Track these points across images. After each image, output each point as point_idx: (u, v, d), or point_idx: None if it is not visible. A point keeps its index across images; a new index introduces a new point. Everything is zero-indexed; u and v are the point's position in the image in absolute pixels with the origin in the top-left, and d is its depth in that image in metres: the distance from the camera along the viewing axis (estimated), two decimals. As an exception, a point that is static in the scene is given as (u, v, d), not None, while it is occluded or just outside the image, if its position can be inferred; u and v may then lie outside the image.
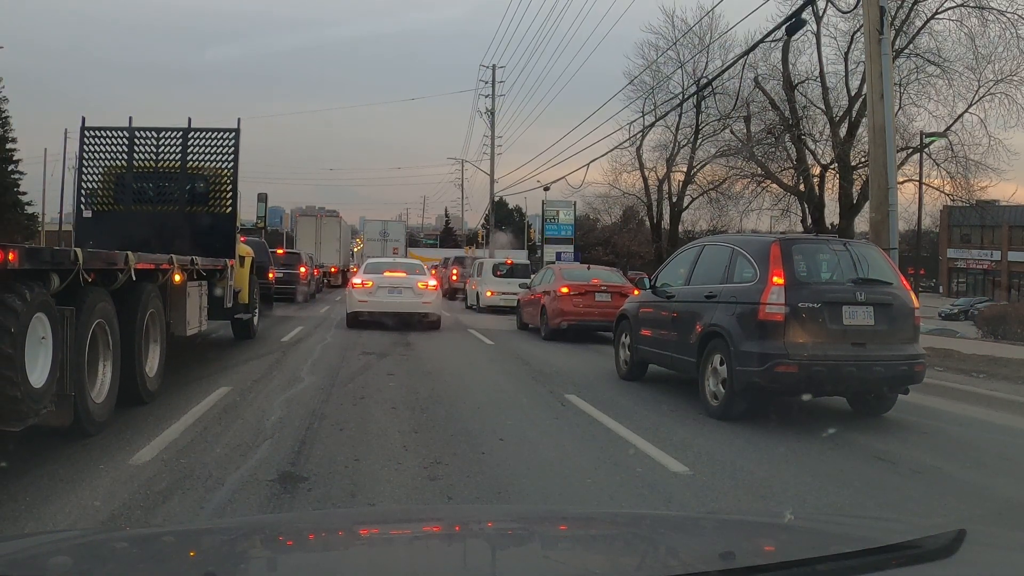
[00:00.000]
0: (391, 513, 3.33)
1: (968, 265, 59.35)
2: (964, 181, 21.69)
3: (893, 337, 7.14)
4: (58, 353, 4.83)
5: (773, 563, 1.51)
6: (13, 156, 40.16)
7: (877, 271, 7.44)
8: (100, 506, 4.13)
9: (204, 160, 10.55)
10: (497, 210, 47.19)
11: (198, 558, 1.65)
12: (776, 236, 8.01)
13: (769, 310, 6.88)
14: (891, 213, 10.04)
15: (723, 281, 7.66)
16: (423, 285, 15.44)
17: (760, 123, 24.93)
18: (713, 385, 7.30)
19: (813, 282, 7.13)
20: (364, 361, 10.35)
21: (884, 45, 9.95)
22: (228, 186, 10.54)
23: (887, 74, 9.95)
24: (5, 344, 4.24)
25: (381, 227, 42.65)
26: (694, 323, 7.79)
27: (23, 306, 4.39)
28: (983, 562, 1.57)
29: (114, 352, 5.93)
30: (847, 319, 6.96)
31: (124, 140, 10.42)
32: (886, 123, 9.94)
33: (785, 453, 5.90)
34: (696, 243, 9.36)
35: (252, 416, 6.50)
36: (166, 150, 10.50)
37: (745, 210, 26.67)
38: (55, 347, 4.78)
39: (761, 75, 24.07)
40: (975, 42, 20.13)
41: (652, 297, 9.06)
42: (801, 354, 6.74)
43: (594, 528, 2.07)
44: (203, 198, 10.54)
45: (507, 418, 6.94)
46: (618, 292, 14.12)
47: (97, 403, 5.56)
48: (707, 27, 26.40)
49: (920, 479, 5.45)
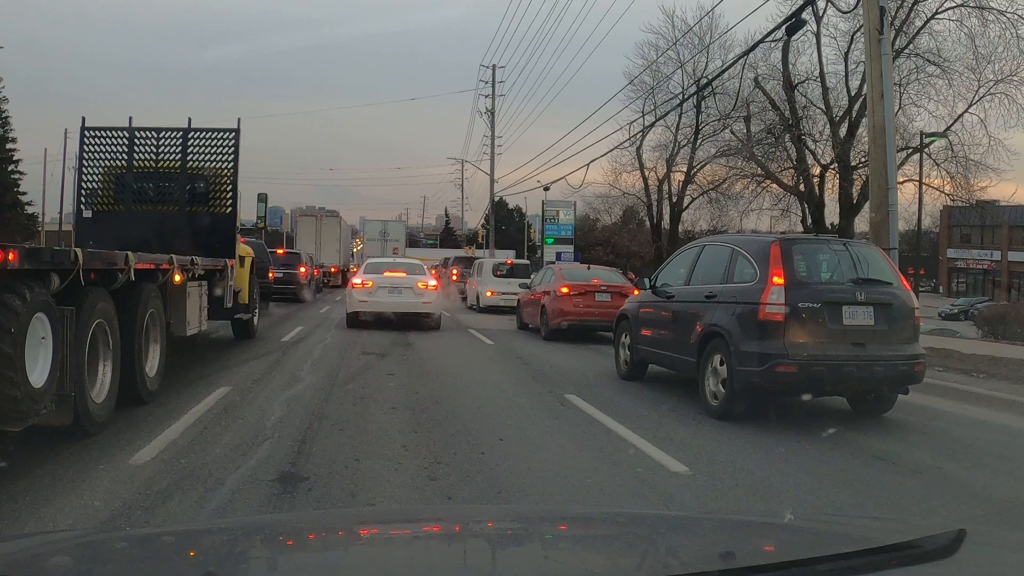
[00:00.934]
0: (391, 513, 3.34)
1: (968, 265, 59.33)
2: (964, 181, 21.68)
3: (893, 337, 7.13)
4: (58, 353, 4.82)
5: (773, 563, 1.51)
6: (13, 156, 40.21)
7: (877, 271, 7.44)
8: (100, 506, 4.13)
9: (204, 160, 10.55)
10: (497, 210, 47.21)
11: (198, 558, 1.65)
12: (776, 236, 8.01)
13: (769, 310, 6.88)
14: (891, 213, 10.06)
15: (723, 281, 7.66)
16: (423, 285, 15.43)
17: (760, 123, 24.93)
18: (713, 385, 7.30)
19: (813, 282, 7.13)
20: (364, 361, 10.35)
21: (884, 45, 9.95)
22: (228, 186, 10.54)
23: (887, 74, 9.96)
24: (5, 344, 4.25)
25: (381, 227, 42.65)
26: (694, 323, 7.78)
27: (23, 306, 4.38)
28: (983, 562, 1.56)
29: (114, 352, 5.93)
30: (847, 319, 6.96)
31: (124, 140, 10.43)
32: (886, 123, 9.95)
33: (785, 453, 5.90)
34: (696, 243, 9.36)
35: (252, 416, 6.50)
36: (166, 150, 10.50)
37: (745, 210, 26.72)
38: (55, 347, 4.78)
39: (761, 75, 24.10)
40: (975, 42, 20.15)
41: (652, 297, 9.06)
42: (801, 354, 6.74)
43: (594, 528, 2.07)
44: (203, 198, 10.54)
45: (507, 418, 6.94)
46: (618, 292, 14.11)
47: (97, 403, 5.56)
48: (707, 27, 26.49)
49: (920, 479, 5.45)
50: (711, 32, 26.65)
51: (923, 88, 21.84)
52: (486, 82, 40.44)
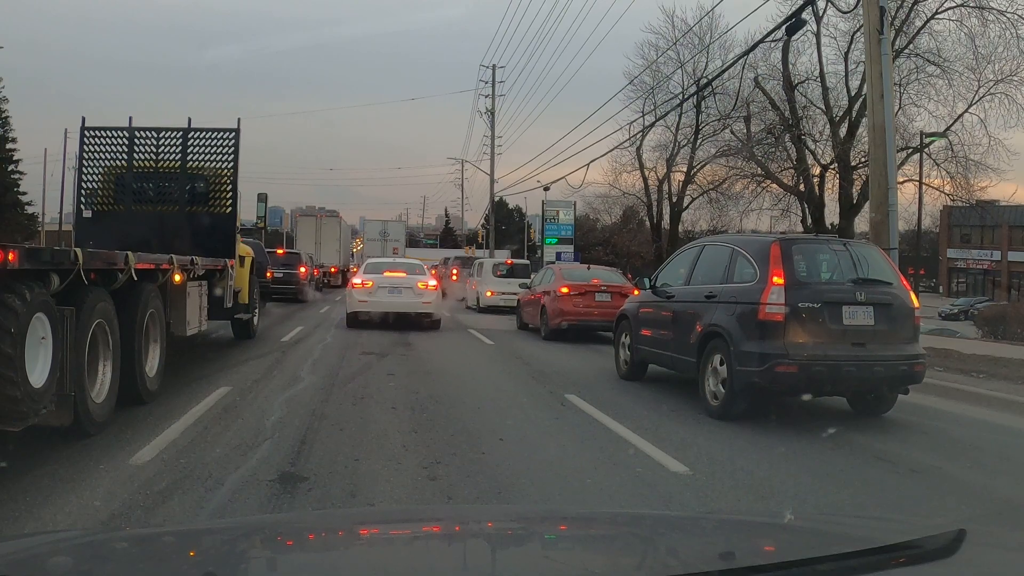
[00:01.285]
0: (391, 513, 3.33)
1: (968, 265, 59.31)
2: (964, 181, 21.67)
3: (893, 337, 7.14)
4: (58, 353, 4.83)
5: (773, 563, 1.51)
6: (13, 156, 40.20)
7: (877, 271, 7.44)
8: (100, 506, 4.13)
9: (204, 160, 10.58)
10: (497, 210, 47.19)
11: (198, 558, 1.65)
12: (776, 236, 8.01)
13: (769, 310, 6.88)
14: (891, 213, 10.05)
15: (723, 281, 7.66)
16: (423, 285, 15.42)
17: (760, 123, 24.93)
18: (713, 385, 7.30)
19: (813, 282, 7.13)
20: (364, 361, 10.34)
21: (884, 45, 9.94)
22: (228, 186, 10.57)
23: (887, 74, 9.95)
24: (5, 344, 4.25)
25: (381, 227, 42.63)
26: (694, 323, 7.78)
27: (23, 306, 4.39)
28: (983, 562, 1.57)
29: (114, 352, 5.94)
30: (847, 319, 6.96)
31: (124, 140, 10.45)
32: (886, 123, 9.93)
33: (785, 453, 5.90)
34: (696, 243, 9.36)
35: (252, 416, 6.49)
36: (166, 150, 10.53)
37: (745, 210, 26.68)
38: (55, 347, 4.78)
39: (761, 75, 24.06)
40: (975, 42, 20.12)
41: (652, 297, 9.06)
42: (801, 354, 6.74)
43: (594, 528, 2.07)
44: (203, 198, 10.57)
45: (507, 418, 6.93)
46: (618, 292, 14.10)
47: (97, 403, 5.57)
48: (707, 27, 26.47)
49: (920, 479, 5.46)
50: (711, 32, 26.66)
51: (923, 88, 21.84)
52: (486, 82, 40.47)
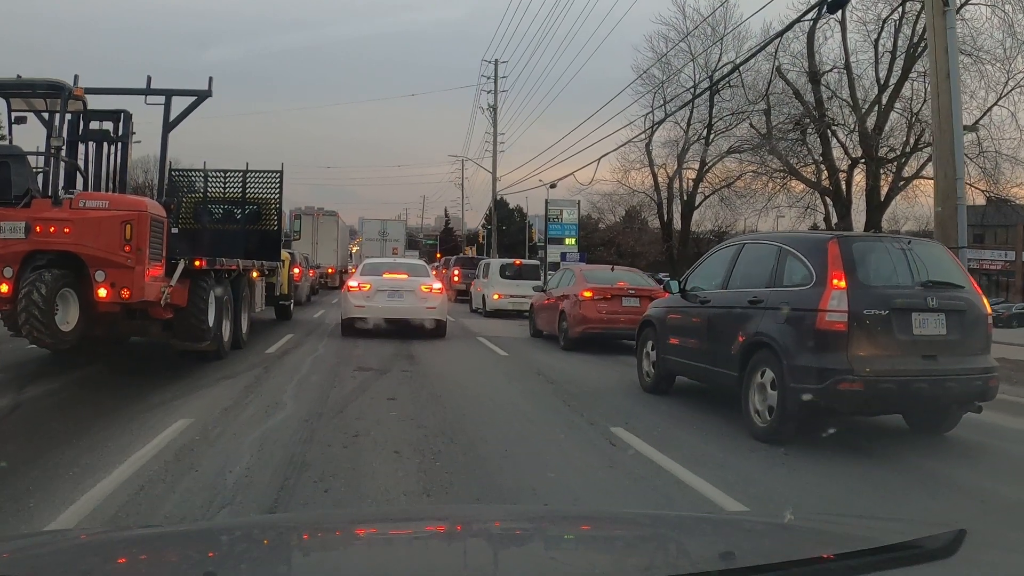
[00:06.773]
0: (391, 513, 3.34)
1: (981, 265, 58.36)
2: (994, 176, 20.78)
3: (966, 348, 6.29)
4: (214, 311, 9.69)
5: (773, 563, 1.49)
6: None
7: (946, 273, 6.54)
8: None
9: (258, 191, 14.25)
10: (498, 210, 46.27)
11: (198, 558, 1.66)
12: (832, 233, 7.09)
13: (830, 318, 5.97)
14: (959, 207, 8.97)
15: (770, 284, 6.73)
16: (427, 288, 14.03)
17: (780, 116, 23.82)
18: (759, 403, 6.40)
19: (878, 285, 6.19)
20: (360, 380, 8.99)
21: (949, 17, 8.75)
22: (275, 209, 14.42)
23: (953, 50, 8.76)
24: (202, 303, 9.27)
25: (380, 226, 41.56)
26: (735, 332, 6.86)
27: (207, 287, 9.44)
28: (983, 562, 1.57)
29: (231, 315, 10.66)
30: (917, 328, 6.06)
31: (201, 177, 14.23)
32: (952, 105, 8.77)
33: (855, 488, 5.00)
34: (734, 241, 8.39)
35: (211, 465, 5.06)
36: (231, 184, 14.11)
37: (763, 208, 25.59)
38: (216, 308, 9.77)
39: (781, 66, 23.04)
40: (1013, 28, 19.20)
41: (681, 302, 8.12)
42: (866, 369, 5.82)
43: (596, 528, 2.07)
44: (257, 218, 14.20)
45: (546, 468, 5.34)
46: (647, 296, 12.58)
47: (225, 341, 10.27)
48: (720, 17, 25.40)
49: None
50: (724, 23, 25.59)
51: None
52: (488, 77, 39.63)
